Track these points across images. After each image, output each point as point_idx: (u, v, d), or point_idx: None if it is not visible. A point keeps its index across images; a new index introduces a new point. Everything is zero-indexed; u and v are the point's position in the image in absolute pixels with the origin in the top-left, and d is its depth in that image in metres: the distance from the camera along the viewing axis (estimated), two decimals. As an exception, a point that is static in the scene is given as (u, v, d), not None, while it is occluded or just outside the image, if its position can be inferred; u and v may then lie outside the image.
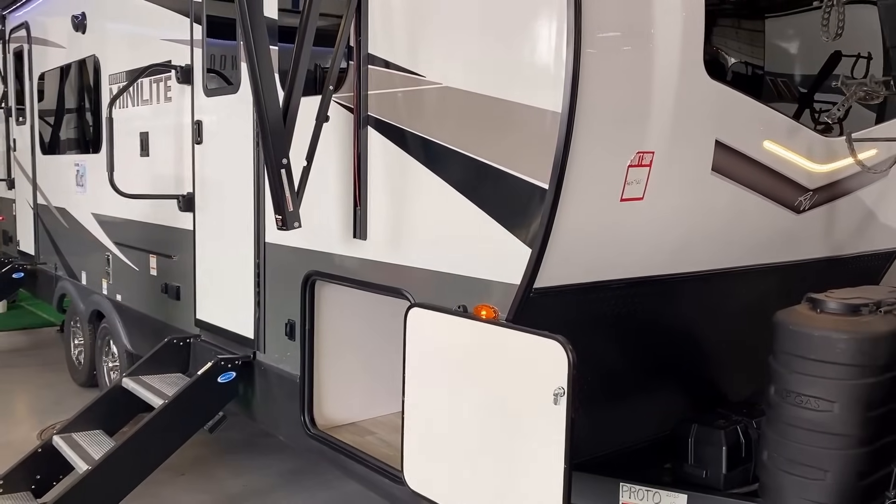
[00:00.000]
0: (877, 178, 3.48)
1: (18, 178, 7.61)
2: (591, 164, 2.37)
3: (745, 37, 3.05)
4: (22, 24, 7.13)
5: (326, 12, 2.94)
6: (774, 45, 3.14)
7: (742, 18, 3.03)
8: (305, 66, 2.85)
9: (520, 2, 2.39)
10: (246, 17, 2.83)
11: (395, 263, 2.93)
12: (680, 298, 3.06)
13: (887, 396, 2.80)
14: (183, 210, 4.32)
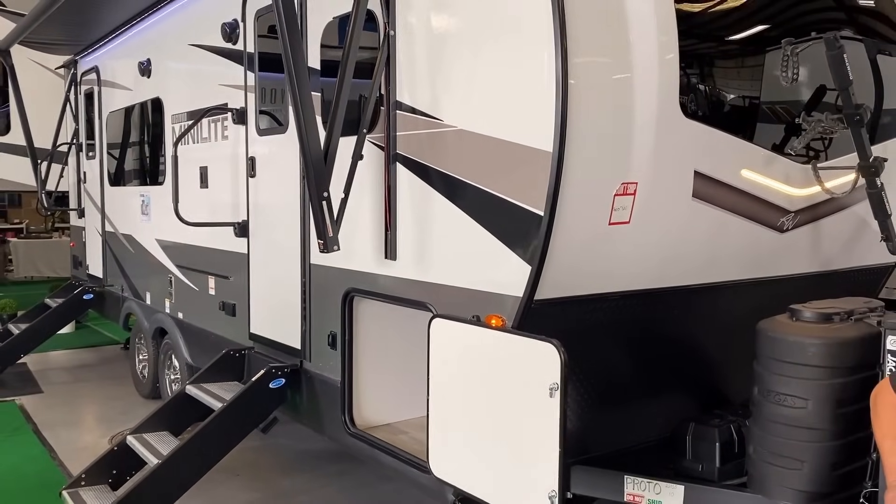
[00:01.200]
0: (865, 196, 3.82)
1: (88, 208, 8.30)
2: (581, 194, 2.80)
3: (722, 74, 3.46)
4: (92, 68, 7.84)
5: (361, 65, 3.44)
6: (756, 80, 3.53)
7: (719, 58, 3.44)
8: (343, 112, 3.34)
9: (517, 64, 2.85)
10: (292, 69, 3.33)
11: (420, 280, 3.40)
12: (672, 309, 3.44)
13: (858, 395, 3.13)
14: (238, 236, 4.85)
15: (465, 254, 3.17)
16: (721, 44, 3.49)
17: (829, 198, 3.65)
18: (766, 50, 3.49)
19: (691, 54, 3.17)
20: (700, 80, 3.21)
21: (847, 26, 4.11)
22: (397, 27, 3.42)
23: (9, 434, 6.06)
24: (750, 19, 3.63)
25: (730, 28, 3.54)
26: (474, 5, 3.12)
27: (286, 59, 3.24)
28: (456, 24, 3.20)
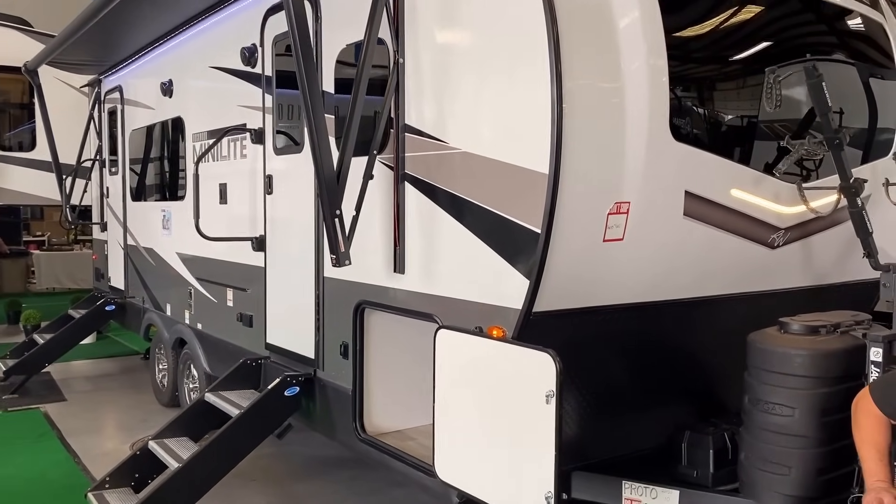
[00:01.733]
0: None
1: (110, 222, 8.58)
2: (576, 213, 2.98)
3: (712, 97, 3.64)
4: (116, 87, 8.14)
5: (372, 88, 3.65)
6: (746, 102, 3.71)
7: (710, 82, 3.63)
8: (355, 134, 3.56)
9: (516, 92, 3.06)
10: (307, 94, 3.54)
11: (426, 293, 3.59)
12: (667, 322, 3.61)
13: (844, 404, 3.28)
14: (256, 250, 5.07)
15: (469, 268, 3.36)
16: (712, 67, 3.68)
17: (819, 215, 3.82)
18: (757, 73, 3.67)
19: (682, 78, 3.36)
20: (690, 102, 3.40)
21: (839, 50, 4.29)
22: (406, 55, 3.64)
23: (35, 440, 6.29)
24: (742, 43, 3.82)
25: (720, 52, 3.73)
26: (476, 36, 3.33)
27: (301, 84, 3.46)
28: (460, 53, 3.40)
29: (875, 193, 4.03)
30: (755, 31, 3.72)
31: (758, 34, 3.73)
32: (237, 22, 5.29)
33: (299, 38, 3.44)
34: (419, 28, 3.58)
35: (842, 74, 4.29)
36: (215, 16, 5.66)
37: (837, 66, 4.32)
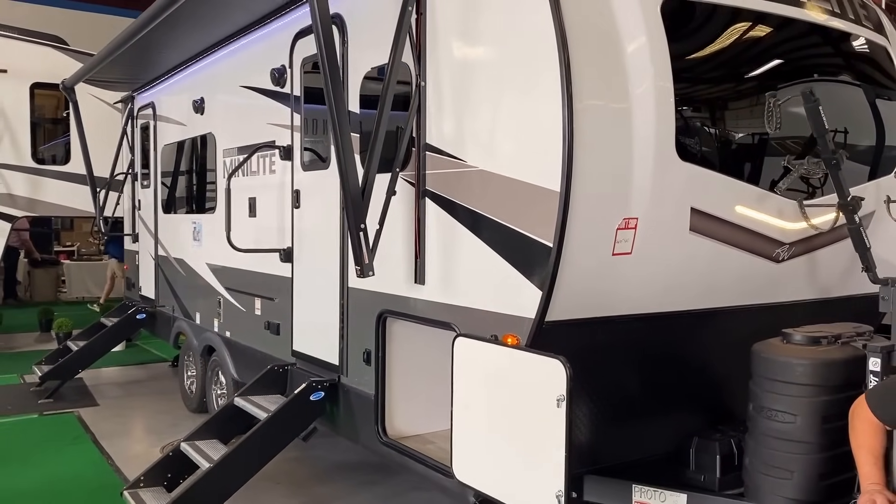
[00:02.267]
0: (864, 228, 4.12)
1: (142, 233, 8.88)
2: (586, 228, 3.17)
3: (718, 117, 3.82)
4: (149, 104, 8.45)
5: (395, 110, 3.87)
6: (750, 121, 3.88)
7: (715, 102, 3.81)
8: (379, 153, 3.78)
9: (529, 113, 3.26)
10: (334, 115, 3.76)
11: (445, 303, 3.79)
12: (675, 332, 3.78)
13: (844, 412, 3.42)
14: (283, 261, 5.30)
15: (485, 279, 3.55)
16: (716, 89, 3.87)
17: (820, 231, 3.97)
18: (761, 95, 3.84)
19: (687, 100, 3.54)
20: (695, 123, 3.58)
21: (845, 72, 4.46)
22: (427, 79, 3.86)
23: (70, 442, 6.56)
24: (746, 66, 4.00)
25: (725, 74, 3.91)
26: (492, 61, 3.54)
27: (329, 105, 3.69)
28: (477, 76, 3.61)
29: (879, 209, 4.18)
30: (759, 55, 3.90)
31: (762, 58, 3.91)
32: (267, 44, 5.55)
33: (328, 61, 3.66)
34: (439, 53, 3.80)
35: (848, 95, 4.46)
36: (246, 37, 5.93)
37: (844, 86, 4.48)
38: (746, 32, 3.76)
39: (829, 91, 4.28)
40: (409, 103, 3.89)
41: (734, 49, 3.77)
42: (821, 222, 3.86)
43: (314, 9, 3.59)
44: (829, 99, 4.17)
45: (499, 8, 3.52)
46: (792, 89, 3.67)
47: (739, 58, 3.83)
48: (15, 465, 5.94)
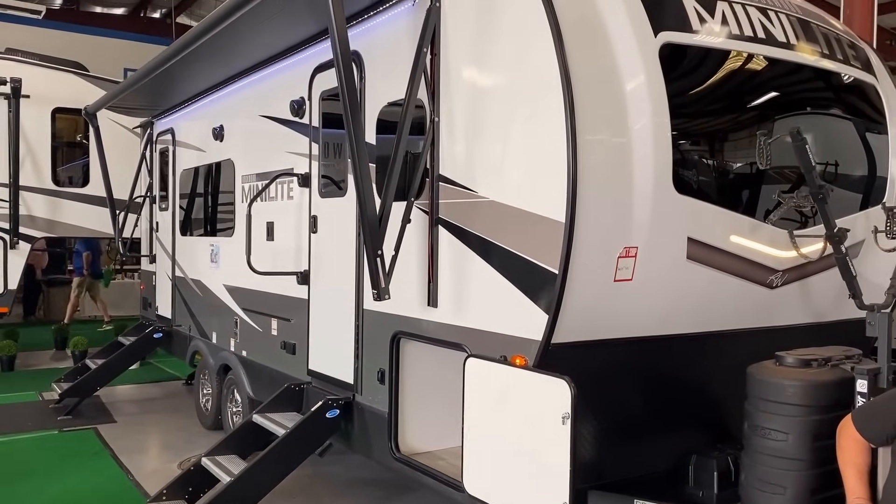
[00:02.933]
0: (853, 256, 4.33)
1: (159, 255, 9.14)
2: (589, 256, 3.40)
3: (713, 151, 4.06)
4: (168, 130, 8.75)
5: (410, 143, 4.12)
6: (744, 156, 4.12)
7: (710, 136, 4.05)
8: (395, 184, 4.02)
9: (536, 150, 3.51)
10: (354, 146, 4.01)
11: (457, 325, 4.02)
12: (675, 354, 3.99)
13: (834, 431, 3.62)
14: (300, 283, 5.54)
15: (495, 303, 3.78)
16: (711, 125, 4.11)
17: (819, 258, 4.19)
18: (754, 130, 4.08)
19: (683, 135, 3.78)
20: (690, 157, 3.82)
21: (836, 107, 4.70)
22: (441, 114, 4.11)
23: (90, 458, 6.77)
24: (739, 103, 4.25)
25: (719, 111, 4.16)
26: (501, 99, 3.79)
27: (349, 139, 3.94)
28: (487, 113, 3.86)
29: (869, 238, 4.39)
30: (751, 93, 4.15)
31: (754, 96, 4.16)
32: (287, 77, 5.82)
33: (348, 97, 3.92)
34: (452, 91, 4.06)
35: (840, 130, 4.70)
36: (265, 70, 6.21)
37: (835, 122, 4.73)
38: (739, 72, 4.01)
39: (821, 126, 4.53)
40: (423, 136, 4.14)
41: (728, 88, 4.02)
42: (810, 251, 4.09)
43: (336, 48, 3.85)
44: (822, 133, 4.43)
45: (507, 50, 3.78)
46: (782, 125, 3.90)
47: (733, 96, 4.08)
48: (38, 479, 6.16)
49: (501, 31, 3.81)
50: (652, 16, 3.60)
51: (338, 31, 3.83)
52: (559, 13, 3.48)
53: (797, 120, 4.45)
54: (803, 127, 3.91)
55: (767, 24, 3.98)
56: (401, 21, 4.46)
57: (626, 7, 3.58)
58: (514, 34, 3.73)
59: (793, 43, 4.10)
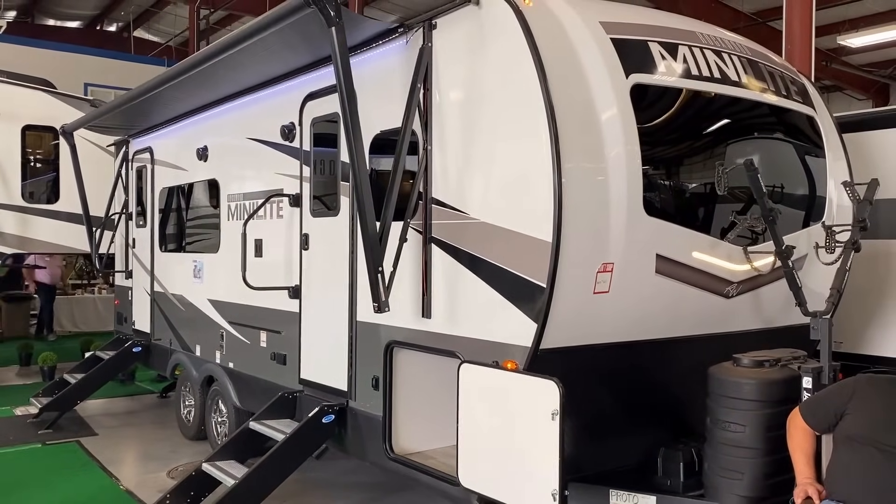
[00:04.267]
0: (798, 269, 4.88)
1: (136, 270, 9.32)
2: (572, 271, 3.85)
3: (677, 176, 4.57)
4: (146, 149, 8.97)
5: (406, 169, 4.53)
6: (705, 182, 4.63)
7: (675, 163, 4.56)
8: (393, 206, 4.42)
9: (524, 177, 3.96)
10: (357, 173, 4.37)
11: (450, 334, 4.42)
12: (644, 358, 4.46)
13: (784, 422, 4.13)
14: (292, 297, 5.88)
15: (486, 314, 4.21)
16: (675, 152, 4.62)
17: (769, 271, 4.72)
18: (713, 157, 4.61)
19: (651, 161, 4.25)
20: (658, 181, 4.32)
21: (780, 136, 5.27)
22: (433, 143, 4.53)
23: (79, 469, 6.96)
24: (700, 133, 4.77)
25: (682, 139, 4.68)
26: (490, 129, 4.23)
27: (352, 166, 4.33)
28: (476, 142, 4.30)
29: (811, 252, 4.95)
30: (709, 124, 4.68)
31: (711, 126, 4.69)
32: (277, 102, 6.17)
33: (351, 126, 4.30)
34: (444, 123, 4.48)
35: (784, 156, 5.27)
36: (254, 94, 6.54)
37: (781, 149, 5.30)
38: (698, 107, 4.54)
39: (768, 153, 5.08)
40: (417, 163, 4.55)
41: (689, 120, 4.54)
42: (762, 265, 4.62)
43: (342, 92, 4.24)
44: (769, 159, 4.98)
45: (495, 84, 4.22)
46: (735, 151, 4.44)
47: (693, 127, 4.61)
48: (32, 490, 6.34)
49: (489, 68, 4.26)
50: (623, 59, 4.09)
51: (343, 72, 4.21)
52: (542, 52, 3.94)
53: (747, 145, 5.01)
54: (753, 154, 4.44)
55: (721, 65, 4.51)
56: (392, 57, 4.88)
57: (600, 52, 4.06)
58: (502, 70, 4.17)
59: (743, 81, 4.64)
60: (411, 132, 4.49)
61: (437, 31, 4.51)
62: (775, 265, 4.59)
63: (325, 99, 5.50)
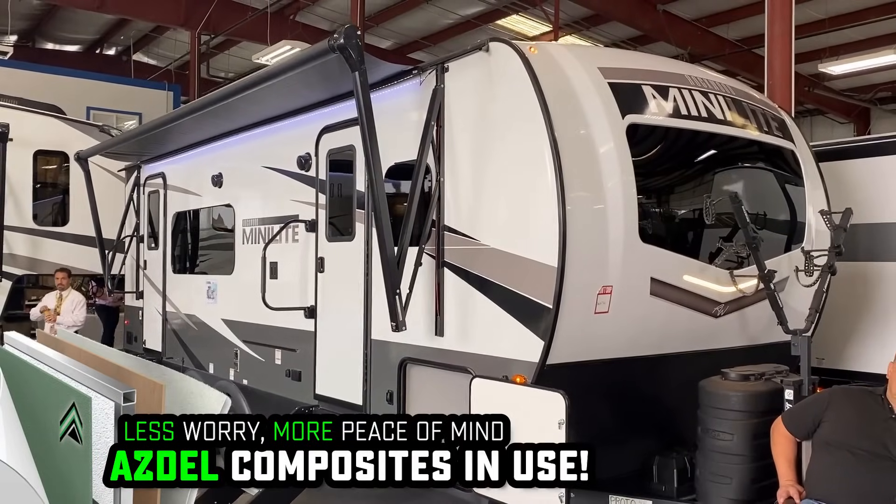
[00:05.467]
0: (780, 290, 5.29)
1: (147, 291, 9.65)
2: (575, 293, 4.25)
3: (669, 205, 4.99)
4: (159, 174, 9.33)
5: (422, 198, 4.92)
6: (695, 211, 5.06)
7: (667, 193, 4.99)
8: (410, 233, 4.81)
9: (531, 207, 4.36)
10: (379, 206, 4.75)
11: (462, 351, 4.80)
12: (639, 372, 4.85)
13: (769, 431, 4.52)
14: (307, 317, 6.24)
15: (496, 332, 4.59)
16: (667, 183, 5.05)
17: (753, 292, 5.14)
18: (702, 188, 5.03)
19: (645, 191, 4.67)
20: (651, 210, 4.73)
21: (764, 168, 5.71)
22: (445, 175, 4.93)
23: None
24: (689, 166, 5.20)
25: (673, 172, 5.10)
26: (498, 162, 4.63)
27: (373, 197, 4.72)
28: (486, 175, 4.70)
29: (792, 275, 5.37)
30: (698, 158, 5.11)
31: (700, 161, 5.12)
32: (293, 134, 6.57)
33: (372, 160, 4.69)
34: (455, 157, 4.89)
35: (767, 186, 5.71)
36: (269, 126, 6.94)
37: (763, 179, 5.74)
38: (688, 143, 4.97)
39: (752, 183, 5.52)
40: (431, 194, 4.95)
41: (679, 155, 4.98)
42: (746, 287, 5.04)
43: (363, 122, 4.64)
44: (753, 189, 5.42)
45: (504, 123, 4.64)
46: (721, 182, 4.87)
47: (683, 162, 5.05)
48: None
49: (498, 107, 4.67)
50: (619, 102, 4.52)
51: (365, 112, 4.61)
52: (546, 94, 4.36)
53: (733, 177, 5.45)
54: (738, 184, 4.88)
55: (708, 105, 4.95)
56: (406, 95, 5.29)
57: (599, 95, 4.49)
58: (510, 110, 4.59)
59: (728, 119, 5.08)
60: (425, 166, 4.89)
61: (448, 74, 4.93)
62: (759, 287, 5.01)
63: (341, 132, 5.90)
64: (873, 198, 6.31)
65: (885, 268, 6.45)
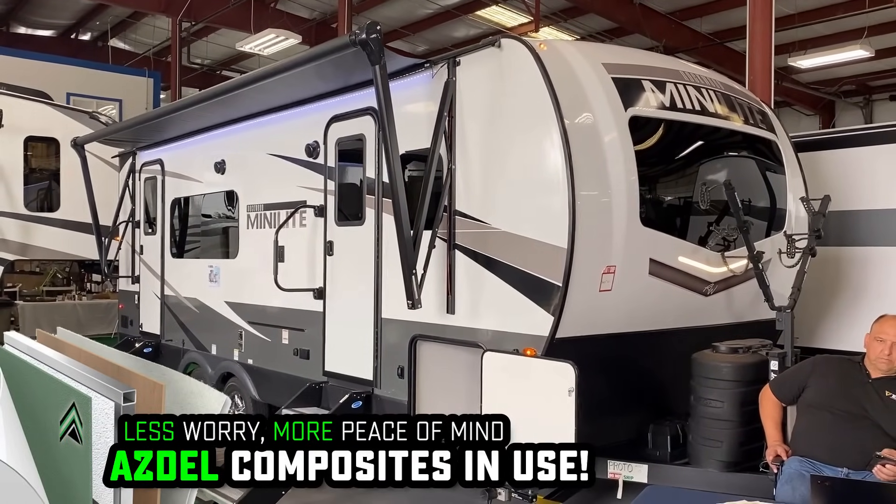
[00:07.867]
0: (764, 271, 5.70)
1: (144, 276, 9.81)
2: (582, 272, 4.61)
3: (666, 191, 5.38)
4: (156, 160, 9.49)
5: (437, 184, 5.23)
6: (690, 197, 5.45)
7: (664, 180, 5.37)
8: (424, 217, 5.13)
9: (543, 193, 4.71)
10: (395, 188, 5.05)
11: (473, 327, 5.14)
12: (637, 346, 5.24)
13: (755, 399, 4.93)
14: (316, 298, 6.52)
15: (506, 309, 4.94)
16: (664, 170, 5.43)
17: (740, 272, 5.55)
18: (696, 175, 5.42)
19: (644, 178, 5.03)
20: (650, 196, 5.11)
21: (749, 155, 6.13)
22: (457, 163, 5.25)
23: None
24: (682, 154, 5.59)
25: (670, 159, 5.49)
26: (508, 151, 4.97)
27: (391, 184, 5.01)
28: (497, 163, 5.03)
29: (775, 258, 5.80)
30: (692, 148, 5.50)
31: (694, 150, 5.51)
32: (301, 123, 6.81)
33: (390, 149, 4.98)
34: (466, 145, 5.21)
35: (752, 174, 6.13)
36: (276, 114, 7.18)
37: (749, 168, 6.16)
38: (683, 134, 5.36)
39: (738, 172, 5.93)
40: (443, 181, 5.27)
41: (675, 145, 5.36)
42: (736, 267, 5.45)
43: (382, 113, 4.93)
44: (739, 177, 5.82)
45: (515, 113, 4.97)
46: (712, 170, 5.26)
47: (679, 151, 5.43)
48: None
49: (509, 99, 5.00)
50: (622, 95, 4.88)
51: (385, 104, 4.89)
52: (555, 87, 4.70)
53: (721, 166, 5.85)
54: (726, 172, 5.28)
55: (701, 99, 5.34)
56: (418, 87, 5.59)
57: (603, 89, 4.85)
58: (521, 102, 4.92)
59: (719, 112, 5.47)
60: (438, 154, 5.20)
61: (460, 67, 5.24)
62: (747, 268, 5.42)
63: (350, 122, 6.19)
64: (844, 187, 6.77)
65: (855, 252, 6.93)
